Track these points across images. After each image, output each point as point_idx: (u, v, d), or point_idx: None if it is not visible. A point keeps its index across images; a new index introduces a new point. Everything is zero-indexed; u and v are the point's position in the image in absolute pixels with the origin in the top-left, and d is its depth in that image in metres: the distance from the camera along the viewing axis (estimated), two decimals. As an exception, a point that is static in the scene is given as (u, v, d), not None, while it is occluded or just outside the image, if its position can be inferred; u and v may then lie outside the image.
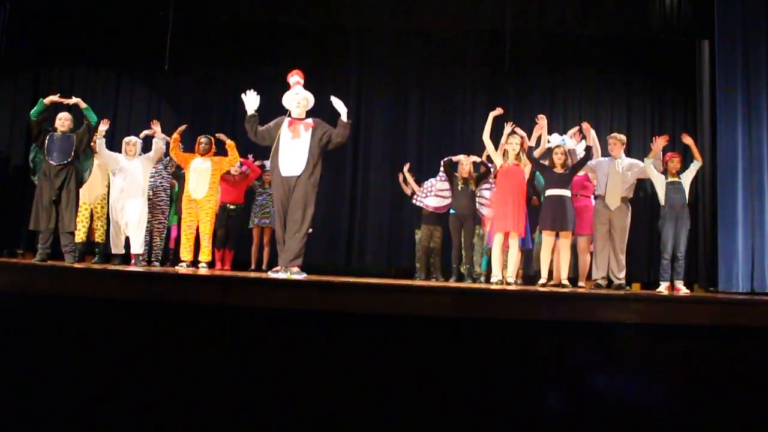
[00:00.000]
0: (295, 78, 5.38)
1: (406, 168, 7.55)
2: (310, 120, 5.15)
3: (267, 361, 3.55)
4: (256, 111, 5.23)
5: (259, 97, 5.24)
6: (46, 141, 5.65)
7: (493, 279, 5.84)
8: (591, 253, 6.25)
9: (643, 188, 8.39)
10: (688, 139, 6.18)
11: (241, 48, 8.78)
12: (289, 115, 5.22)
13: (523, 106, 8.81)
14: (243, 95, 5.26)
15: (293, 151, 4.98)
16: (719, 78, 7.06)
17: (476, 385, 3.53)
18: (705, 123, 7.74)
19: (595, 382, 3.55)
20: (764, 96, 6.81)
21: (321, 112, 8.69)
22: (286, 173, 4.94)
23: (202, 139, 6.49)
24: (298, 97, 5.19)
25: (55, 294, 3.68)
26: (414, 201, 7.19)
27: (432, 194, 6.92)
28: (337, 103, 5.14)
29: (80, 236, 6.44)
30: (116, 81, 8.76)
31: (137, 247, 6.41)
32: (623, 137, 6.27)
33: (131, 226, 6.36)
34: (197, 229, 6.33)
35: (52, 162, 5.59)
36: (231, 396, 3.48)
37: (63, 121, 5.76)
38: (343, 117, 5.11)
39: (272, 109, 8.72)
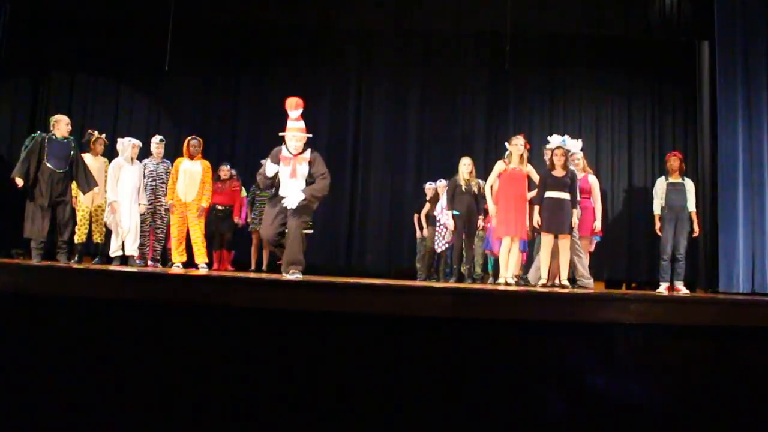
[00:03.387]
0: (299, 111, 5.15)
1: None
2: (307, 154, 5.07)
3: (267, 361, 3.55)
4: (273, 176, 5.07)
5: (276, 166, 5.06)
6: (45, 144, 5.60)
7: (500, 280, 5.87)
8: (590, 254, 6.24)
9: (643, 189, 8.41)
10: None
11: (241, 50, 8.80)
12: (284, 144, 5.12)
13: (523, 106, 8.82)
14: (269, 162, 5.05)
15: (292, 185, 4.96)
16: (719, 78, 7.05)
17: (476, 385, 3.53)
18: (705, 123, 7.74)
19: (595, 383, 3.55)
20: (764, 96, 6.81)
21: (320, 115, 8.78)
22: (286, 203, 4.93)
23: (192, 141, 6.45)
24: (299, 134, 5.08)
25: (55, 295, 3.68)
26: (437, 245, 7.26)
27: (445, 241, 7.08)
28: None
29: (80, 238, 6.47)
30: (116, 83, 8.78)
31: (135, 249, 6.43)
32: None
33: (130, 228, 6.37)
34: (187, 231, 6.35)
35: (51, 167, 5.55)
36: (231, 396, 3.48)
37: (62, 125, 5.73)
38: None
39: (271, 110, 8.81)
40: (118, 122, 8.59)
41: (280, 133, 5.13)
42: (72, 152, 5.73)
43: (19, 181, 5.55)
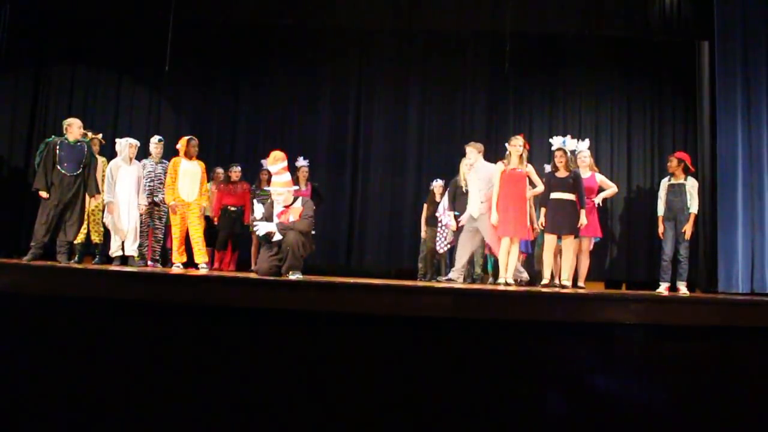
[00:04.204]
0: (280, 165, 5.25)
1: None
2: (299, 204, 5.24)
3: (267, 361, 3.55)
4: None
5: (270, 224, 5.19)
6: (57, 149, 5.67)
7: (500, 281, 5.87)
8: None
9: (643, 189, 8.42)
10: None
11: (242, 49, 8.79)
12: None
13: (523, 106, 8.82)
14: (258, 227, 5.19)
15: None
16: (719, 78, 7.05)
17: (476, 385, 3.53)
18: (705, 123, 7.73)
19: (595, 382, 3.56)
20: (764, 96, 6.80)
21: (320, 115, 8.77)
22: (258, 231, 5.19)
23: (192, 141, 6.48)
24: (281, 189, 5.21)
25: (55, 295, 3.68)
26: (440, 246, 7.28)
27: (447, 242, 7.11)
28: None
29: (79, 237, 6.47)
30: (117, 83, 8.77)
31: (135, 250, 6.43)
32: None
33: (129, 228, 6.38)
34: (187, 231, 6.37)
35: (63, 171, 5.63)
36: (231, 395, 3.48)
37: (74, 128, 5.78)
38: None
39: (270, 109, 8.82)
40: (119, 122, 8.59)
41: (266, 187, 5.24)
42: (85, 155, 5.79)
43: (44, 194, 5.63)
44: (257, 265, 5.32)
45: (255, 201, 5.24)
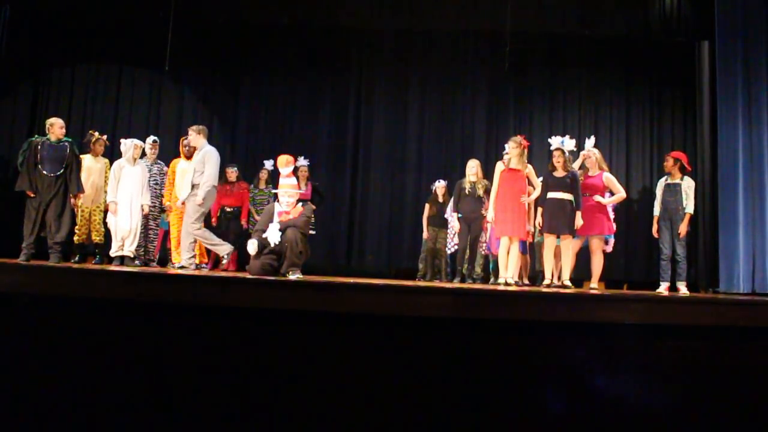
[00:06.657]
0: (290, 168, 5.40)
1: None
2: (299, 207, 5.30)
3: (266, 361, 3.55)
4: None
5: (256, 242, 5.17)
6: (38, 149, 5.62)
7: (500, 281, 5.87)
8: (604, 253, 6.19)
9: (642, 189, 8.42)
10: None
11: (241, 48, 8.80)
12: (277, 201, 5.36)
13: (523, 106, 8.83)
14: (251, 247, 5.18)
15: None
16: (719, 78, 7.05)
17: (476, 385, 3.53)
18: (705, 123, 7.74)
19: (595, 382, 3.55)
20: (764, 96, 6.81)
21: (320, 115, 8.78)
22: (271, 239, 5.16)
23: (185, 141, 6.48)
24: (291, 191, 5.29)
25: (55, 295, 3.68)
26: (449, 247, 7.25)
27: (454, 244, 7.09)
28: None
29: (80, 238, 6.48)
30: (117, 82, 8.77)
31: (133, 251, 6.43)
32: None
33: (130, 229, 6.38)
34: None
35: (45, 172, 5.58)
36: (230, 396, 3.48)
37: (56, 128, 5.72)
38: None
39: (270, 109, 8.82)
40: (119, 122, 8.59)
41: (273, 190, 5.25)
42: (67, 155, 5.71)
43: (32, 193, 5.60)
44: (250, 264, 5.31)
45: (269, 227, 5.27)
